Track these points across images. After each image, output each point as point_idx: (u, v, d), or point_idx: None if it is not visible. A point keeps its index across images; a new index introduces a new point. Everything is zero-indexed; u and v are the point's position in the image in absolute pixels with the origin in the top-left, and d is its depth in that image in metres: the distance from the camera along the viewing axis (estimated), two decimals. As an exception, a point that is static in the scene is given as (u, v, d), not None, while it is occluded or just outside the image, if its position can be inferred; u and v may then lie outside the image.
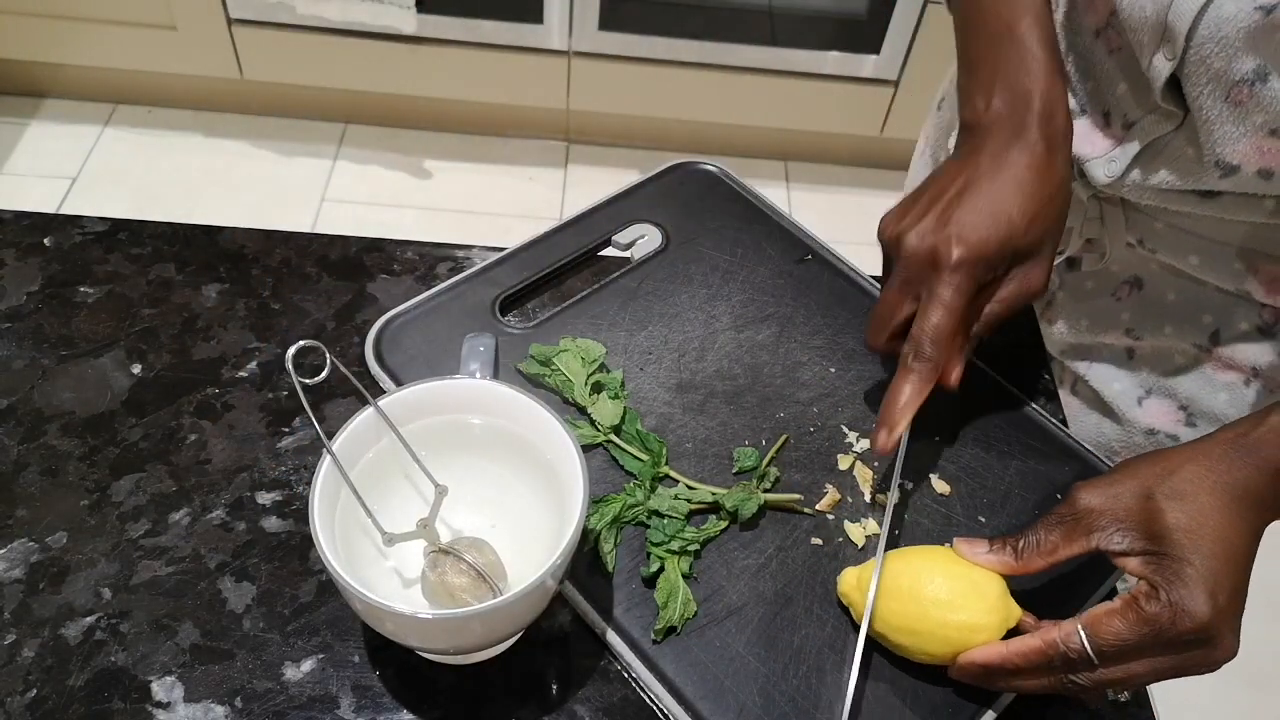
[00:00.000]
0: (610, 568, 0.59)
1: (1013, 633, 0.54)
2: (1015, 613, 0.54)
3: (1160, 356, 0.73)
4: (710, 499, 0.62)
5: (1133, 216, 0.69)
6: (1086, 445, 0.68)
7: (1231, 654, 0.49)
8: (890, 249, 0.59)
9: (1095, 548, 0.52)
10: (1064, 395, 0.80)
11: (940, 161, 0.85)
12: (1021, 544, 0.54)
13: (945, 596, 0.53)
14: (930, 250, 0.57)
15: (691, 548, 0.60)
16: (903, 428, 0.58)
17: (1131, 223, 0.69)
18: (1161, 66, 0.58)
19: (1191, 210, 0.64)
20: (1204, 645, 0.49)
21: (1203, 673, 0.50)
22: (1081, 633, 0.50)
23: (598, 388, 0.67)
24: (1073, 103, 0.68)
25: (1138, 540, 0.51)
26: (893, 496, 0.57)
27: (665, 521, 0.60)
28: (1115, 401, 0.75)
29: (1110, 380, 0.75)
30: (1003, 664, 0.52)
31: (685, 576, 0.59)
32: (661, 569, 0.59)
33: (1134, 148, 0.63)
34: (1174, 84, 0.59)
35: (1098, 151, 0.66)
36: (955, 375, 0.60)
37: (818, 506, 0.63)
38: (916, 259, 0.57)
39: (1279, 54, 0.54)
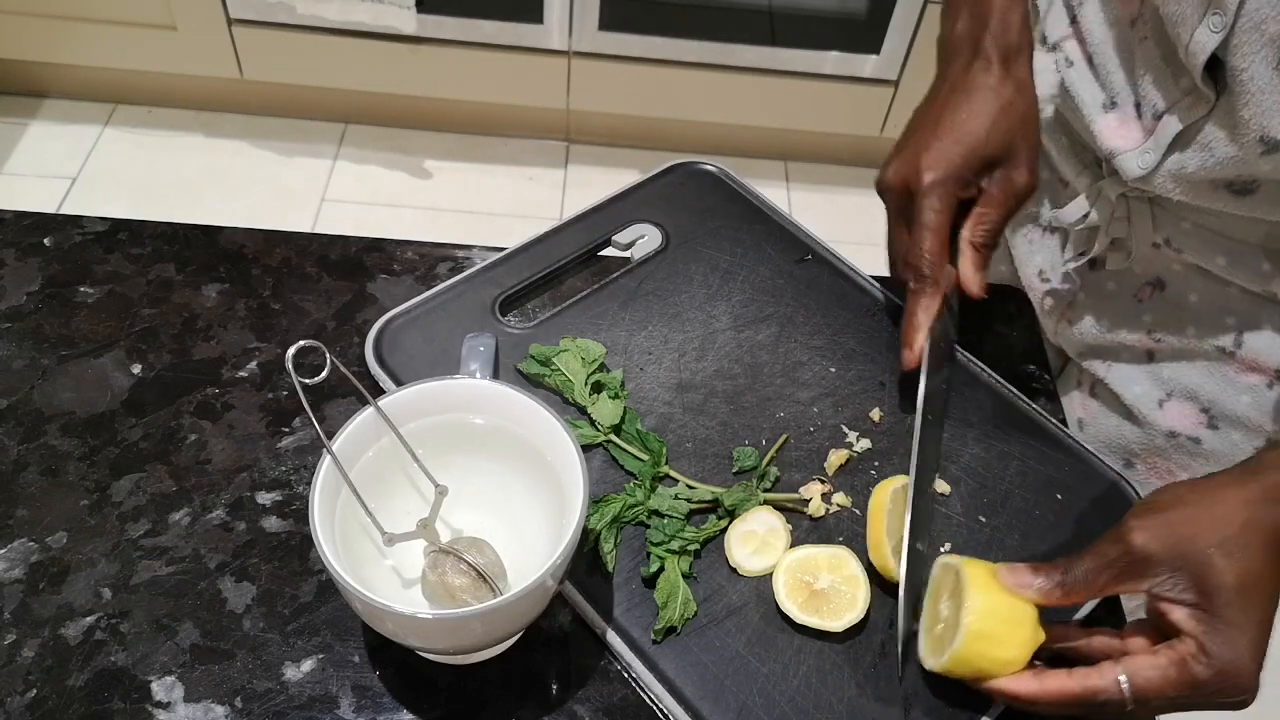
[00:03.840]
0: (610, 568, 0.59)
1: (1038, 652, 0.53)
2: (1042, 637, 0.53)
3: (1181, 358, 0.73)
4: (710, 498, 0.62)
5: (1160, 216, 0.69)
6: (1088, 445, 0.68)
7: (1254, 698, 0.50)
8: (880, 193, 0.66)
9: (1149, 592, 0.51)
10: (1082, 398, 0.80)
11: None
12: (1069, 579, 0.53)
13: (982, 628, 0.52)
14: (903, 183, 0.64)
15: (691, 547, 0.60)
16: (921, 340, 0.64)
17: (1159, 222, 0.69)
18: (1205, 40, 0.57)
19: (1223, 208, 0.64)
20: (1224, 693, 0.50)
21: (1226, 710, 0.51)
22: (1124, 682, 0.50)
23: (598, 388, 0.67)
24: (1103, 96, 0.68)
25: (1188, 591, 0.50)
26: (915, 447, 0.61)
27: (665, 521, 0.60)
28: (1136, 404, 0.75)
29: (1130, 383, 0.75)
30: (1034, 699, 0.52)
31: (685, 576, 0.59)
32: (661, 569, 0.59)
33: (1167, 136, 0.63)
34: (1208, 64, 0.59)
35: (1131, 144, 0.66)
36: (978, 284, 0.65)
37: (807, 511, 0.63)
38: (896, 194, 0.64)
39: None
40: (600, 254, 0.77)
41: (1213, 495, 0.52)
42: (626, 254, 0.77)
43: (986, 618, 0.52)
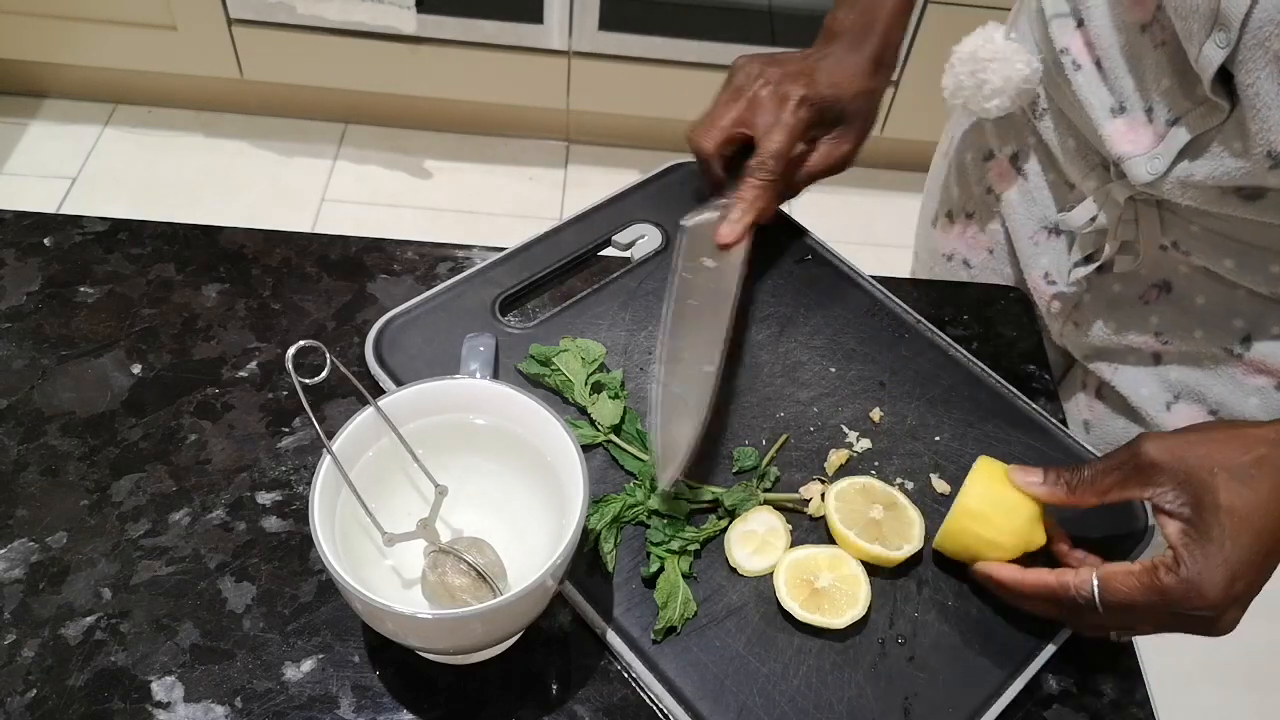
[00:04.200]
0: (610, 567, 0.59)
1: (1036, 557, 0.58)
2: (1038, 539, 0.57)
3: (1189, 360, 0.72)
4: (710, 499, 0.62)
5: (1169, 219, 0.68)
6: (1088, 446, 0.68)
7: (1230, 629, 0.51)
8: (748, 79, 0.71)
9: (1147, 499, 0.53)
10: (1088, 400, 0.80)
11: (965, 160, 0.86)
12: (1075, 479, 0.56)
13: (975, 507, 0.57)
14: (783, 89, 0.69)
15: (691, 547, 0.60)
16: (745, 224, 0.69)
17: (1167, 225, 0.69)
18: (1213, 55, 0.57)
19: (1232, 212, 0.64)
20: (1206, 621, 0.51)
21: (1199, 635, 0.53)
22: (1095, 584, 0.52)
23: (598, 388, 0.67)
24: (1112, 100, 0.67)
25: (1186, 506, 0.52)
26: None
27: (665, 521, 0.60)
28: (1143, 406, 0.75)
29: (1137, 385, 0.75)
30: (1014, 586, 0.56)
31: (685, 576, 0.59)
32: (661, 569, 0.59)
33: (1178, 144, 0.63)
34: (1222, 76, 0.59)
35: (1140, 149, 0.66)
36: (770, 212, 0.72)
37: (807, 510, 0.63)
38: (770, 92, 0.69)
39: None
40: (600, 254, 0.77)
41: (1237, 428, 0.53)
42: (626, 254, 0.77)
43: (981, 500, 0.57)
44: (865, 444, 0.66)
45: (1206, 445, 0.52)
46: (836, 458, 0.65)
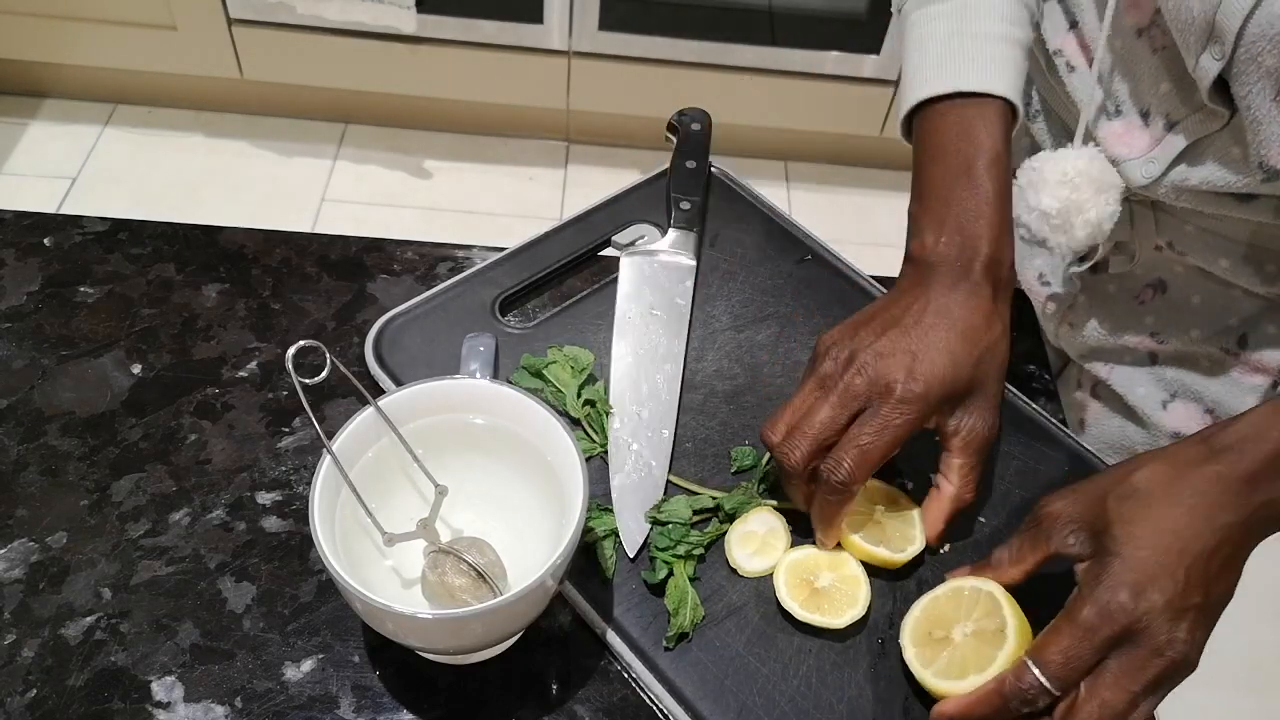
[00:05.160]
0: (610, 573, 0.59)
1: None
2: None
3: (1185, 360, 0.72)
4: (711, 505, 0.62)
5: (1163, 219, 0.68)
6: (1088, 445, 0.68)
7: (1182, 652, 0.47)
8: (836, 364, 0.57)
9: (1054, 551, 0.52)
10: (1083, 399, 0.80)
11: None
12: (994, 557, 0.55)
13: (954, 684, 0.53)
14: (886, 375, 0.55)
15: (697, 552, 0.59)
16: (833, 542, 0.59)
17: (1162, 225, 0.69)
18: (1209, 66, 0.57)
19: (1227, 213, 0.64)
20: (1139, 645, 0.47)
21: (1175, 680, 0.48)
22: (1029, 661, 0.49)
23: (590, 404, 0.66)
24: (1106, 103, 0.67)
25: (1086, 543, 0.50)
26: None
27: (670, 528, 0.60)
28: (1140, 405, 0.75)
29: (1134, 384, 0.75)
30: (966, 714, 0.51)
31: (690, 579, 0.59)
32: (669, 574, 0.58)
33: (1175, 148, 0.63)
34: (1221, 84, 0.58)
35: (1135, 153, 0.66)
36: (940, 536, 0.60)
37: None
38: (866, 382, 0.55)
39: None
40: (600, 254, 0.77)
41: (1130, 459, 0.53)
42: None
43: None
44: (865, 444, 0.66)
45: (1096, 481, 0.52)
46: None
